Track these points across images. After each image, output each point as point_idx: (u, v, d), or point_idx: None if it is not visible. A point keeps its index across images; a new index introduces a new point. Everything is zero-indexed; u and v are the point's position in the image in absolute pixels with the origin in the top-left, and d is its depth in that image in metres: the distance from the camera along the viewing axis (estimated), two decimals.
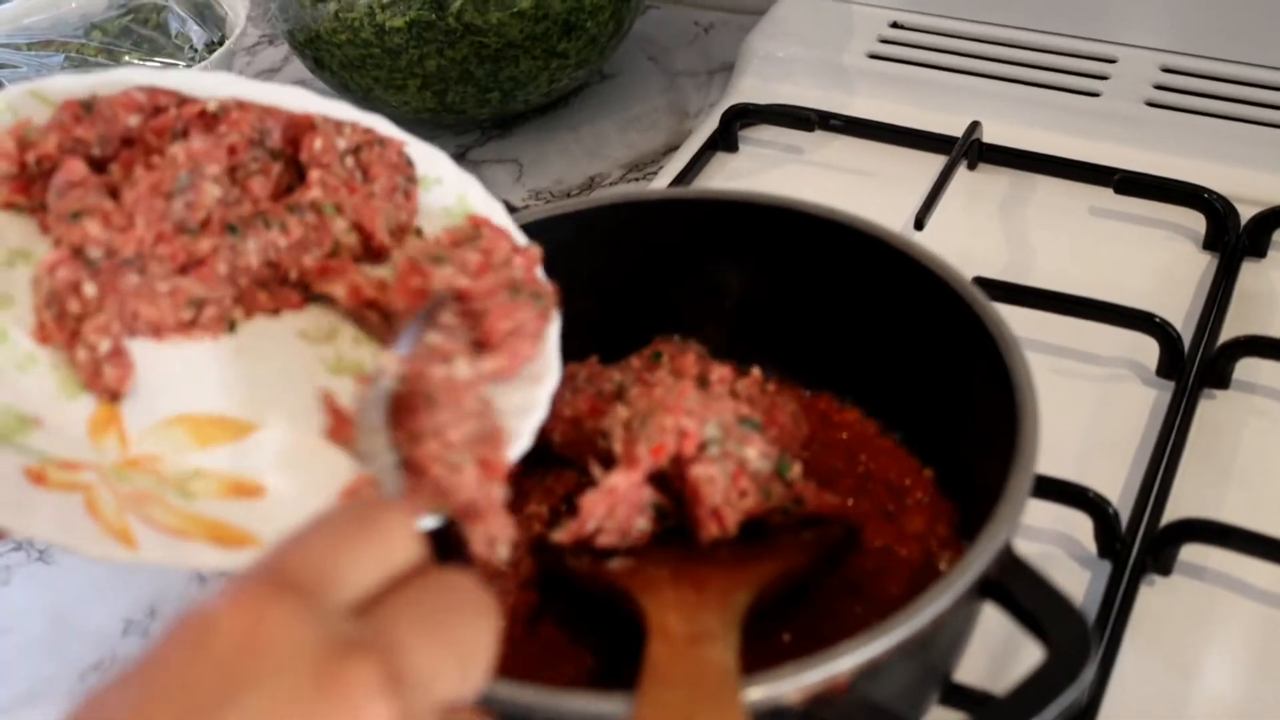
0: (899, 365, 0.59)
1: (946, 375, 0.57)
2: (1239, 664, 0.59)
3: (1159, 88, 0.87)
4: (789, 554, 0.51)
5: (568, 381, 0.60)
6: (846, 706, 0.42)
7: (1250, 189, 0.80)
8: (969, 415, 0.55)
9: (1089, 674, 0.42)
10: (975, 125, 0.84)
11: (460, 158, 0.93)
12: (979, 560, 0.44)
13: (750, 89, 0.92)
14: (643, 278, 0.62)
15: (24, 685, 0.64)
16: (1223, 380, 0.70)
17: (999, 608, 0.46)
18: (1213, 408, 0.69)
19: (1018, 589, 0.45)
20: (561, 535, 0.51)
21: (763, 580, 0.48)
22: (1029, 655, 0.44)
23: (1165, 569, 0.62)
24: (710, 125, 0.89)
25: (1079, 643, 0.43)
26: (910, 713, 0.48)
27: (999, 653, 0.57)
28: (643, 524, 0.51)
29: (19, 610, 0.68)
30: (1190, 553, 0.61)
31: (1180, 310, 0.74)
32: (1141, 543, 0.62)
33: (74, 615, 0.67)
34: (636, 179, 0.90)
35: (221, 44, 0.93)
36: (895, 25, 0.94)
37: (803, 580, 0.51)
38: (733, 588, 0.47)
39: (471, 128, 0.95)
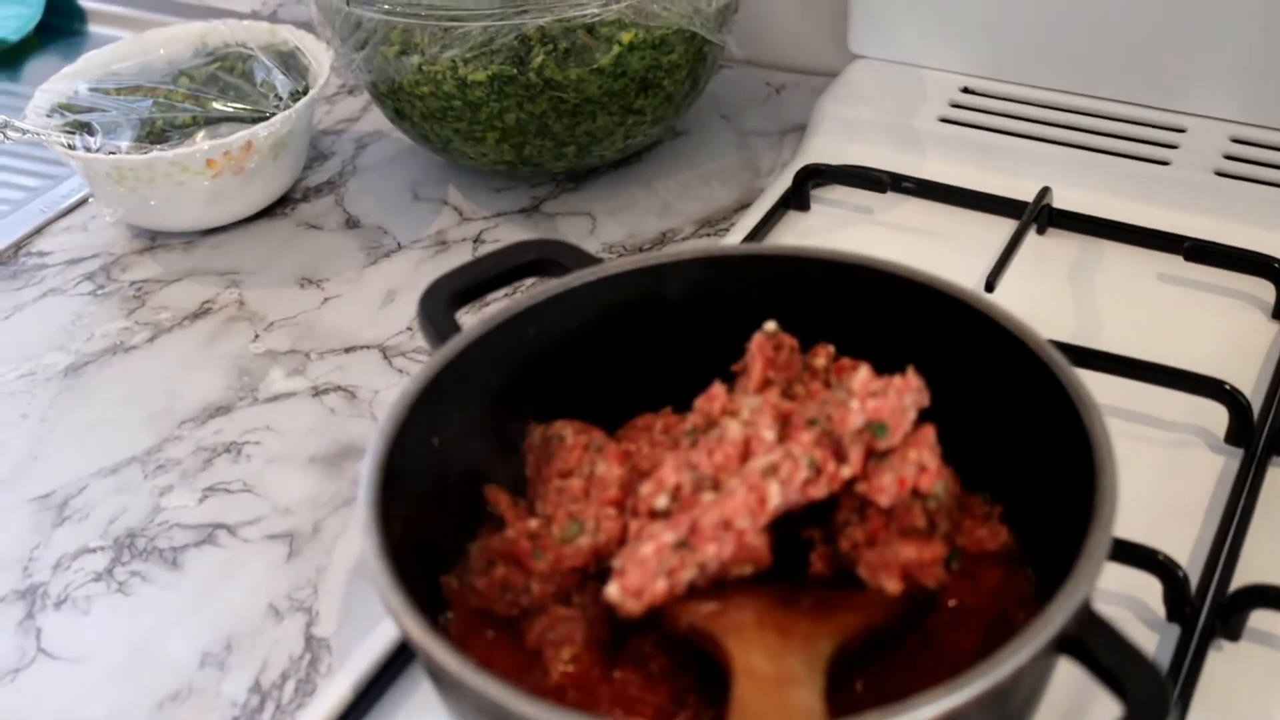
0: (975, 424, 0.59)
1: (1023, 435, 0.58)
2: None
3: (1229, 158, 0.88)
4: (873, 607, 0.52)
5: (644, 433, 0.62)
6: None
7: None
8: (1045, 474, 0.56)
9: None
10: (1045, 191, 0.85)
11: (535, 210, 0.95)
12: (1059, 615, 0.45)
13: (822, 149, 0.93)
14: (720, 331, 0.63)
15: (102, 713, 0.65)
16: None
17: (1077, 664, 0.47)
18: None
19: (1096, 645, 0.46)
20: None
21: (848, 632, 0.49)
22: (1100, 714, 0.45)
23: (1234, 634, 0.62)
24: (783, 184, 0.90)
25: (1158, 700, 0.43)
26: None
27: (1069, 712, 0.57)
28: (746, 568, 0.52)
29: (98, 640, 0.69)
30: (1259, 619, 0.62)
31: (1249, 378, 0.75)
32: (1210, 607, 0.62)
33: (152, 646, 0.68)
34: (708, 234, 0.91)
35: (305, 93, 0.95)
36: (966, 90, 0.96)
37: (883, 634, 0.52)
38: (817, 636, 0.47)
39: (545, 180, 0.97)
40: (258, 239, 0.95)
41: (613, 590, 0.50)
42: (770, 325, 0.60)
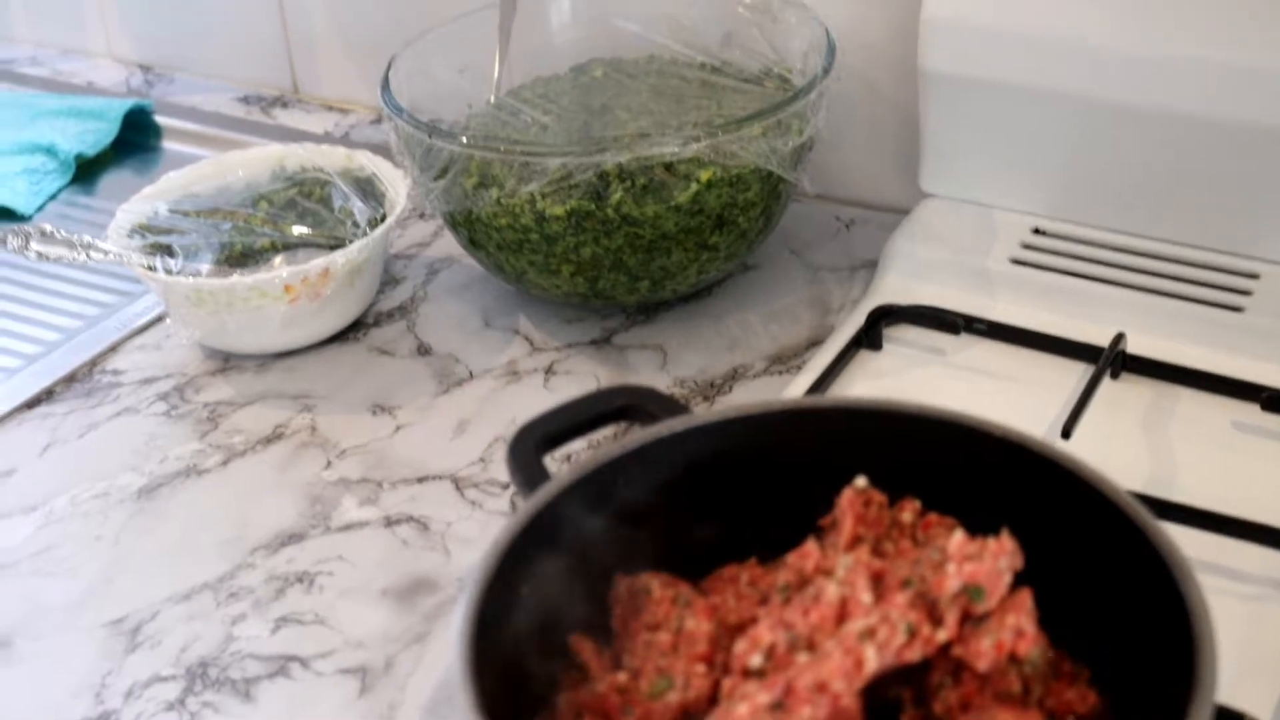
0: (1060, 581, 0.59)
1: (1111, 594, 0.57)
2: None
3: None
4: None
5: (730, 585, 0.62)
6: None
7: None
8: (1135, 636, 0.56)
9: None
10: (1120, 336, 0.85)
11: (605, 341, 0.96)
12: None
13: (893, 288, 0.94)
14: (803, 482, 0.63)
15: None
16: None
17: None
18: None
19: None
20: None
21: None
22: None
23: None
24: (854, 322, 0.91)
25: None
26: None
27: None
28: None
29: None
30: None
31: None
32: None
33: None
34: (780, 371, 0.92)
35: (382, 219, 0.97)
36: (1038, 231, 0.96)
37: None
38: None
39: (617, 312, 0.98)
40: (330, 364, 0.96)
41: None
42: (860, 481, 0.60)
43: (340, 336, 0.98)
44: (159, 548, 0.83)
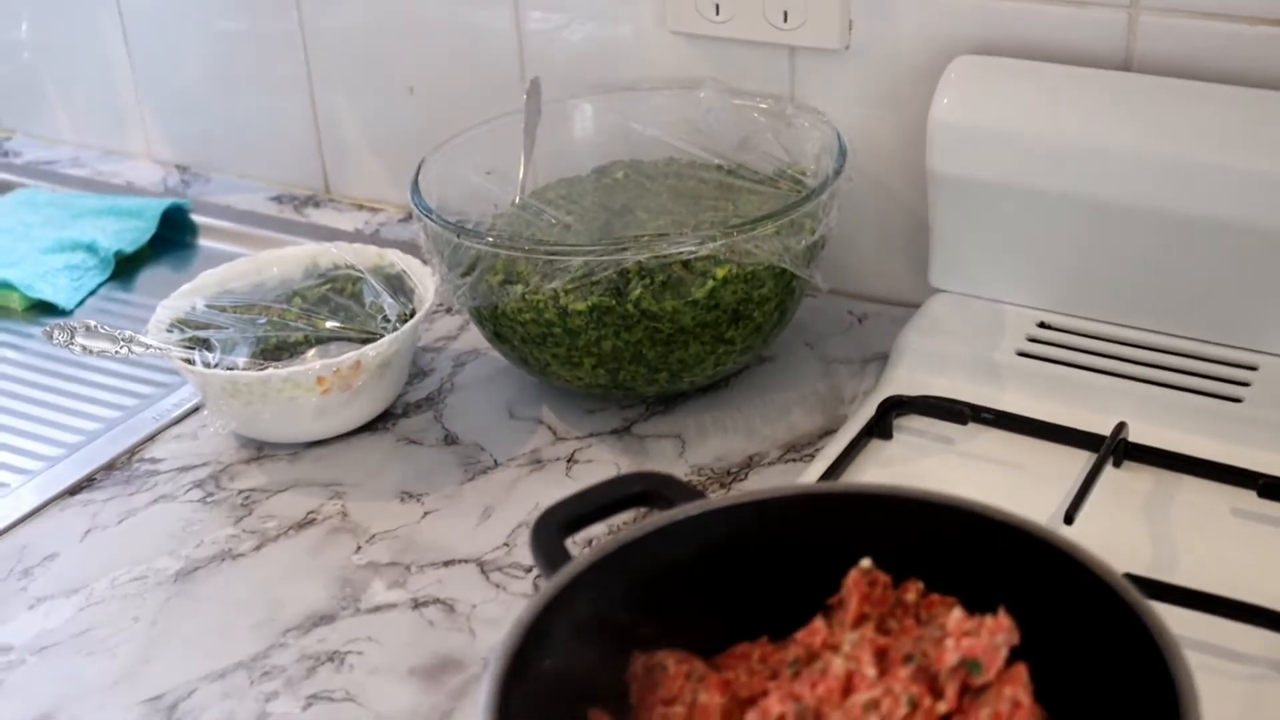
0: (1055, 658, 0.62)
1: (1103, 671, 0.60)
2: None
3: None
4: None
5: (742, 662, 0.65)
6: None
7: None
8: (1126, 712, 0.58)
9: None
10: (1122, 425, 0.88)
11: (626, 431, 0.99)
12: None
13: (903, 380, 0.97)
14: (812, 564, 0.66)
15: None
16: None
17: None
18: None
19: None
20: None
21: None
22: None
23: None
24: (866, 413, 0.94)
25: None
26: None
27: None
28: None
29: None
30: None
31: None
32: None
33: None
34: (794, 459, 0.95)
35: (411, 314, 1.01)
36: (1043, 325, 1.00)
37: None
38: None
39: (636, 402, 1.01)
40: (360, 452, 1.00)
41: None
42: (865, 562, 0.63)
43: (370, 426, 1.02)
44: (195, 629, 0.86)
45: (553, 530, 0.66)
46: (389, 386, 1.01)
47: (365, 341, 0.99)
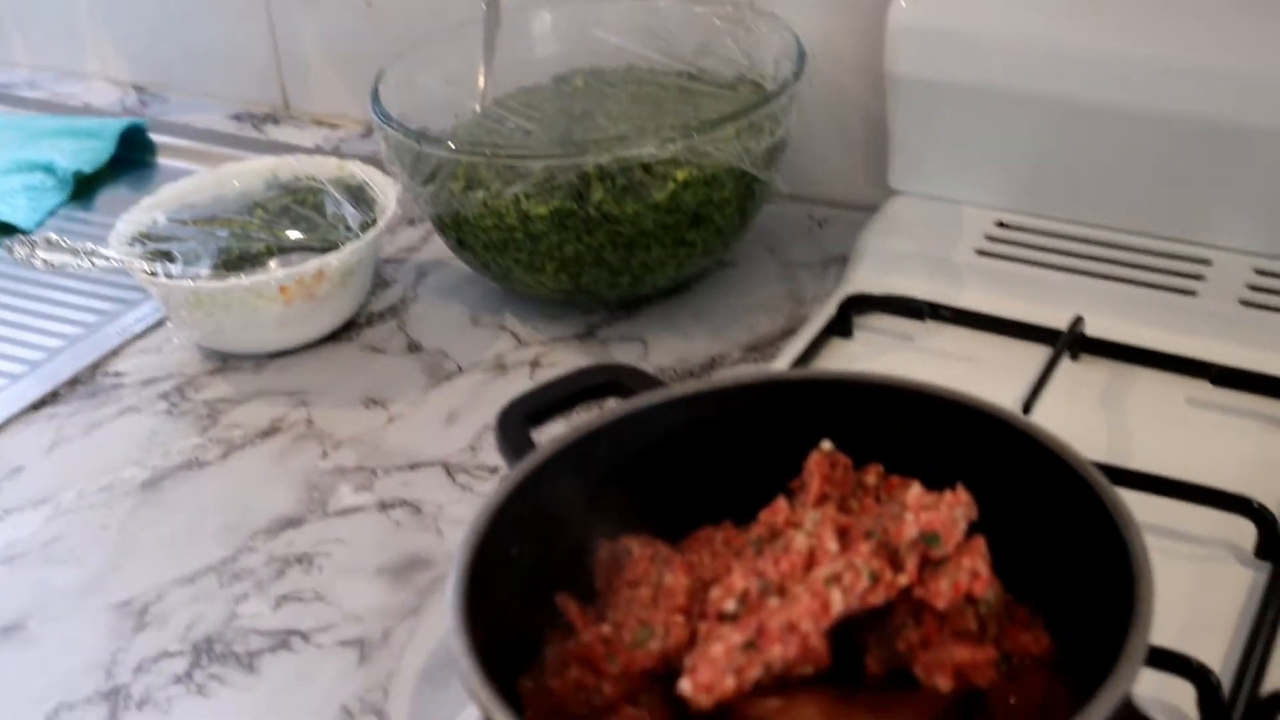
0: (1016, 537, 0.63)
1: (1062, 547, 0.61)
2: None
3: (1252, 288, 0.92)
4: (925, 706, 0.55)
5: (705, 545, 0.66)
6: None
7: None
8: (1084, 585, 0.59)
9: None
10: (1079, 320, 0.89)
11: (589, 335, 1.00)
12: (1105, 707, 0.49)
13: (864, 280, 0.98)
14: (775, 450, 0.67)
15: None
16: None
17: None
18: None
19: None
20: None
21: None
22: None
23: None
24: (827, 312, 0.95)
25: None
26: None
27: None
28: (808, 668, 0.55)
29: None
30: None
31: (1274, 496, 0.78)
32: (1244, 712, 0.65)
33: None
34: (756, 360, 0.96)
35: (373, 224, 1.01)
36: (1000, 224, 1.01)
37: None
38: None
39: (599, 308, 1.02)
40: (324, 362, 1.00)
41: (685, 685, 0.54)
42: (826, 445, 0.64)
43: (333, 336, 1.02)
44: (163, 535, 0.86)
45: (518, 422, 0.67)
46: (352, 296, 1.01)
47: (327, 251, 0.99)
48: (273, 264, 1.01)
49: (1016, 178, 1.00)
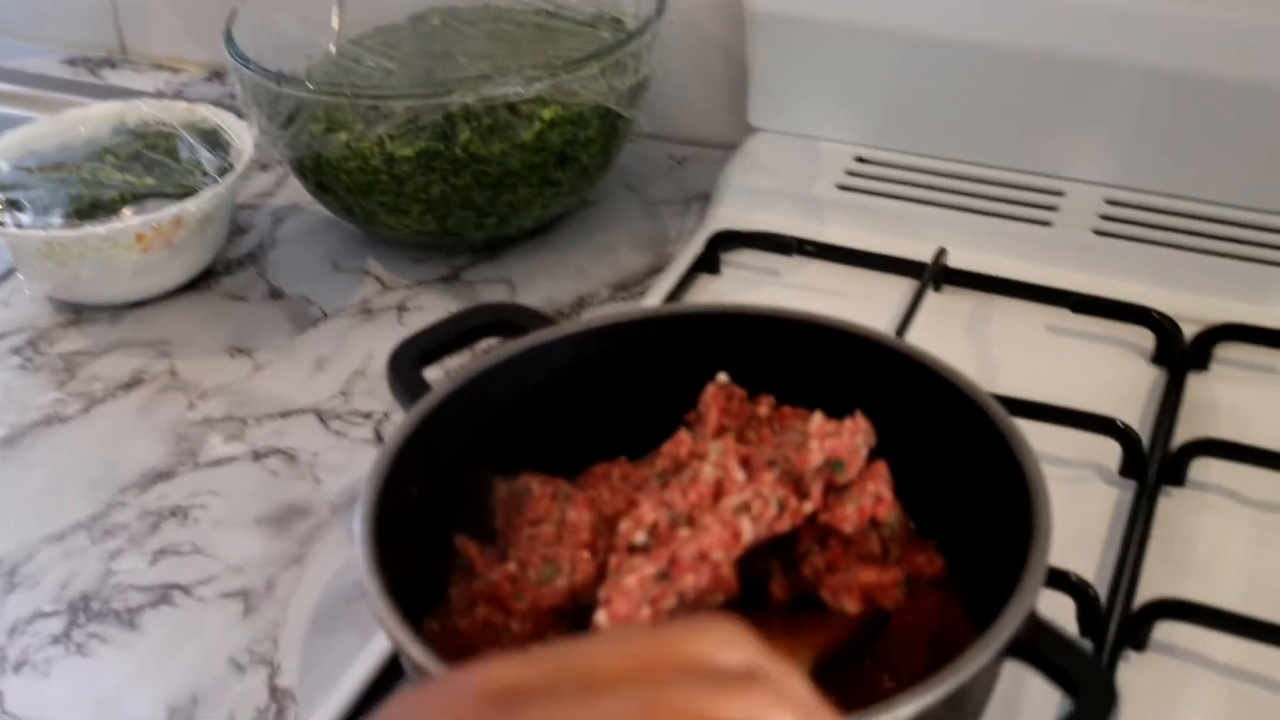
0: (906, 462, 0.64)
1: (953, 470, 0.63)
2: None
3: (1104, 218, 0.95)
4: (834, 628, 0.57)
5: (602, 481, 0.66)
6: None
7: (1190, 309, 0.88)
8: (976, 506, 0.61)
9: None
10: (942, 251, 0.91)
11: (454, 278, 0.99)
12: (1012, 622, 0.50)
13: (727, 217, 0.99)
14: (664, 385, 0.67)
15: None
16: (1179, 479, 0.77)
17: (1028, 666, 0.52)
18: (1170, 504, 0.76)
19: (1046, 648, 0.51)
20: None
21: (818, 649, 0.54)
22: None
23: (1140, 645, 0.68)
24: (693, 249, 0.95)
25: (1107, 691, 0.49)
26: None
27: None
28: (719, 597, 0.56)
29: (62, 700, 0.71)
30: (1162, 630, 0.68)
31: (1135, 418, 0.81)
32: (1119, 622, 0.68)
33: (117, 704, 0.70)
34: (624, 298, 0.96)
35: (230, 169, 0.98)
36: (860, 160, 1.02)
37: (844, 653, 0.57)
38: (795, 653, 0.52)
39: (463, 250, 1.01)
40: (184, 311, 0.98)
41: (601, 617, 0.54)
42: (722, 377, 0.65)
43: (191, 285, 1.00)
44: (28, 494, 0.84)
45: (410, 362, 0.67)
46: (210, 243, 0.99)
47: (184, 197, 0.96)
48: (127, 211, 0.97)
49: (875, 113, 1.01)
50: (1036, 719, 0.64)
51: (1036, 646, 0.51)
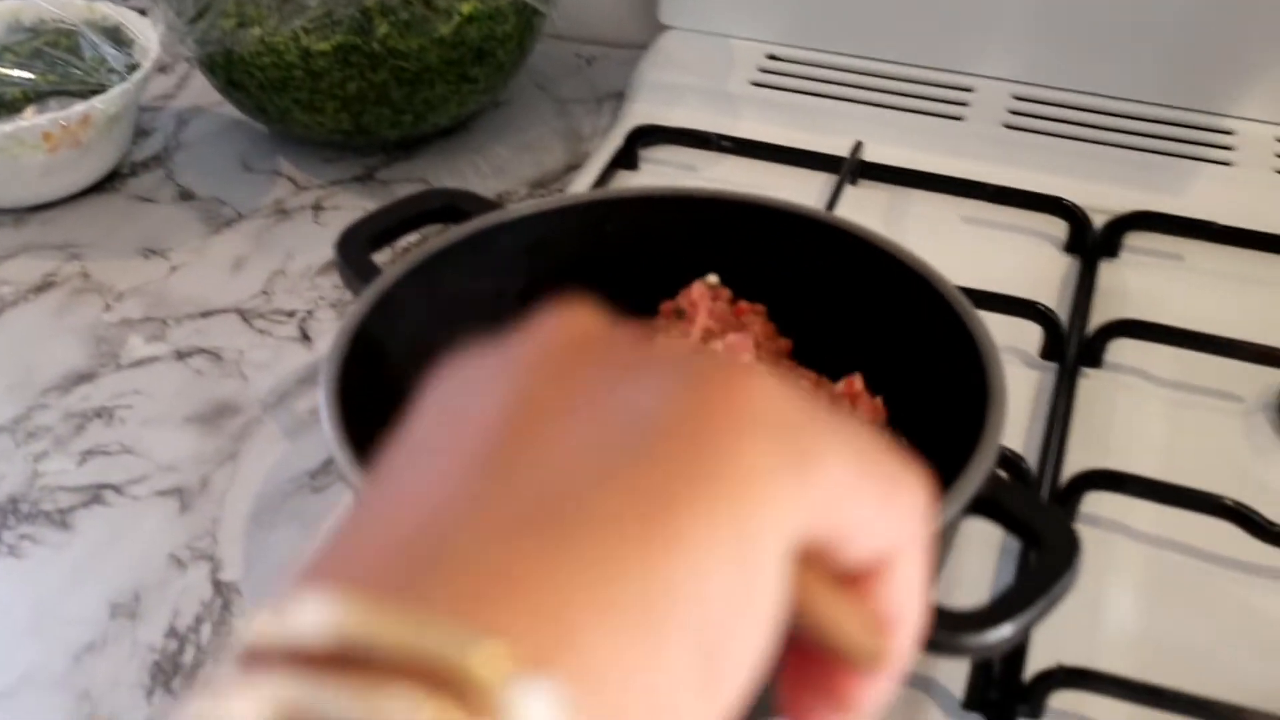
0: (858, 334, 0.66)
1: (912, 346, 0.65)
2: (1135, 596, 0.68)
3: (1013, 113, 0.98)
4: None
5: None
6: None
7: (1098, 199, 0.90)
8: (930, 375, 0.63)
9: (1080, 562, 0.50)
10: (859, 145, 0.93)
11: (369, 177, 0.98)
12: (977, 475, 0.52)
13: (641, 114, 0.99)
14: (609, 266, 0.68)
15: (16, 672, 0.66)
16: (1096, 361, 0.80)
17: (991, 521, 0.54)
18: (1088, 384, 0.79)
19: (1009, 503, 0.53)
20: None
21: None
22: None
23: (1071, 517, 0.70)
24: (611, 145, 0.96)
25: (1069, 537, 0.51)
26: None
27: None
28: None
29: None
30: (1091, 501, 0.70)
31: (1051, 303, 0.83)
32: (1051, 493, 0.71)
33: (56, 604, 0.69)
34: (543, 194, 0.96)
35: (138, 66, 0.96)
36: (772, 57, 1.03)
37: None
38: None
39: (376, 150, 1.00)
40: (92, 213, 0.96)
41: None
42: (712, 278, 0.65)
43: (97, 188, 0.97)
44: None
45: (359, 246, 0.66)
46: (117, 142, 0.96)
47: (88, 96, 0.94)
48: (29, 110, 0.95)
49: (786, 11, 1.02)
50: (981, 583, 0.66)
51: (998, 501, 0.53)
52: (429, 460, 0.29)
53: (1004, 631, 0.48)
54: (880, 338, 0.65)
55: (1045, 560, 0.50)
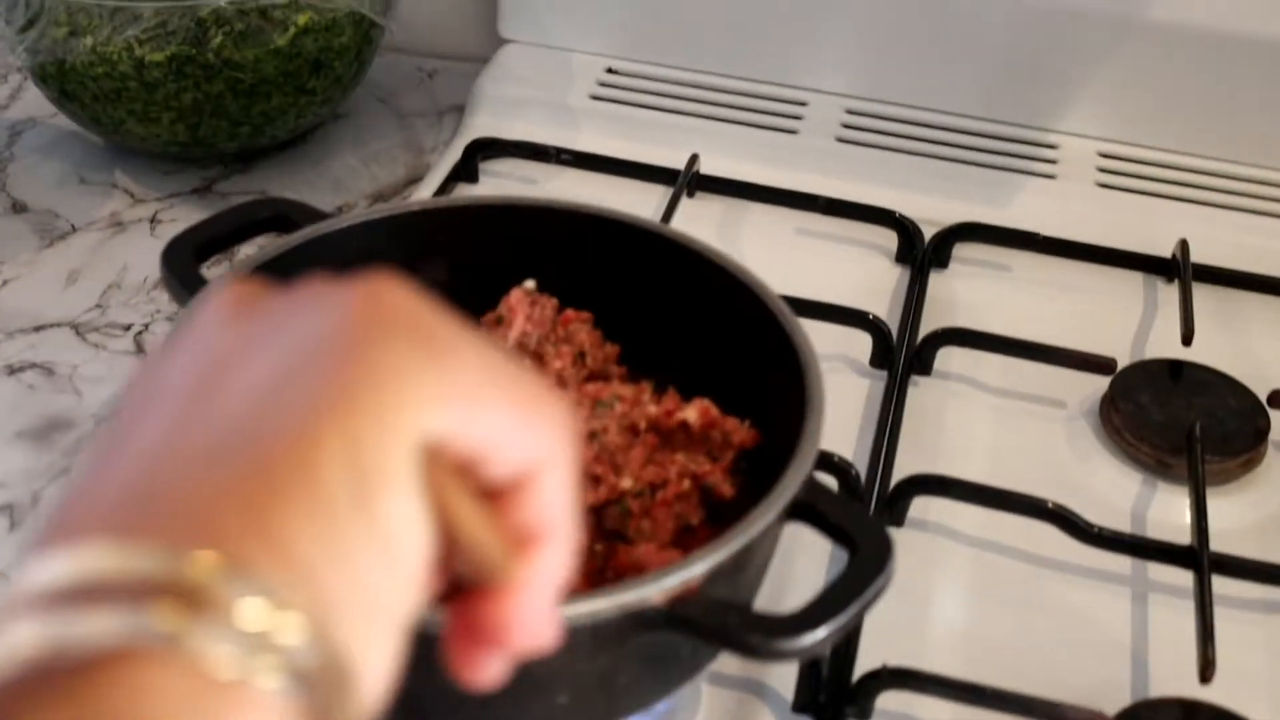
0: (694, 349, 0.67)
1: (738, 355, 0.66)
2: (961, 598, 0.70)
3: (846, 126, 1.00)
4: None
5: None
6: (698, 603, 0.50)
7: (928, 212, 0.93)
8: (756, 383, 0.64)
9: (893, 566, 0.51)
10: (695, 158, 0.94)
11: (207, 190, 0.98)
12: (793, 484, 0.53)
13: (481, 127, 1.00)
14: (450, 278, 0.68)
15: None
16: (925, 369, 0.82)
17: (808, 526, 0.55)
18: (917, 392, 0.81)
19: (825, 508, 0.54)
20: None
21: None
22: None
23: (899, 521, 0.72)
24: (451, 158, 0.96)
25: (882, 542, 0.52)
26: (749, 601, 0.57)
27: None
28: None
29: None
30: (918, 506, 0.72)
31: (882, 313, 0.85)
32: (878, 498, 0.72)
33: None
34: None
35: None
36: (611, 71, 1.04)
37: None
38: None
39: (214, 162, 1.00)
40: None
41: None
42: (529, 284, 0.66)
43: None
44: None
45: (186, 258, 0.66)
46: None
47: None
48: None
49: (624, 25, 1.04)
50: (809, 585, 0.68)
51: (815, 507, 0.54)
52: (138, 418, 0.34)
53: (818, 635, 0.49)
54: (708, 347, 0.66)
55: (859, 564, 0.51)
